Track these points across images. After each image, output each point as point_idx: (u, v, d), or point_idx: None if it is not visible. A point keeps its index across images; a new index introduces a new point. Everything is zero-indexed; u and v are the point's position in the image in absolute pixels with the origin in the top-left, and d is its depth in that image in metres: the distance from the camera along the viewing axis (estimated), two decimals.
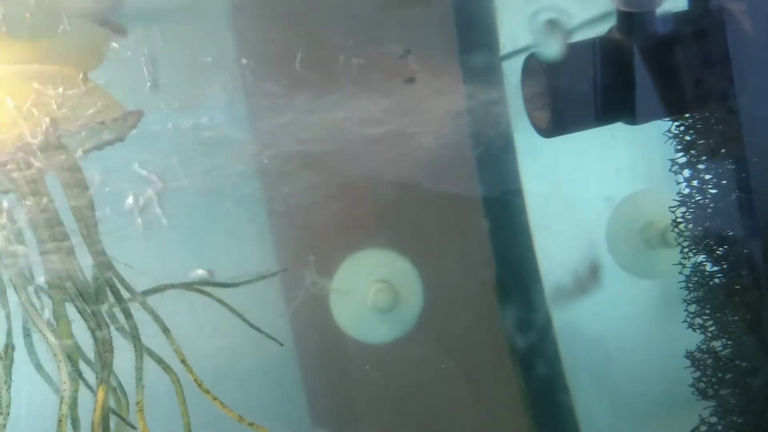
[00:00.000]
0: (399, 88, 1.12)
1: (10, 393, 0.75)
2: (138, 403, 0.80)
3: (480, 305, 1.37)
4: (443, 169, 1.24)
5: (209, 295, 0.89)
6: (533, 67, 1.02)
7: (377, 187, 1.30)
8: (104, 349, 0.77)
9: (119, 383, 0.84)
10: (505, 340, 1.33)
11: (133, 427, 0.82)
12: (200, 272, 0.87)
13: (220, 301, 0.90)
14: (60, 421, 0.73)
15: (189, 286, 0.89)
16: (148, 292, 0.84)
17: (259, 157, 1.18)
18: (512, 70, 1.13)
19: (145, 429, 0.78)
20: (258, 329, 0.95)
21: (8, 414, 0.74)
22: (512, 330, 1.32)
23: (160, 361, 0.84)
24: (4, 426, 0.74)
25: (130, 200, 0.91)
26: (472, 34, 1.26)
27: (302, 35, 1.26)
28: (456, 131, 1.21)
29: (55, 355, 0.74)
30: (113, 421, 0.81)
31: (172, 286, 0.86)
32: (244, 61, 1.17)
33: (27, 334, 0.81)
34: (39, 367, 0.83)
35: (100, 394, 0.75)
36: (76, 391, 0.83)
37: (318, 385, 1.50)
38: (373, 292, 1.37)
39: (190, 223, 1.16)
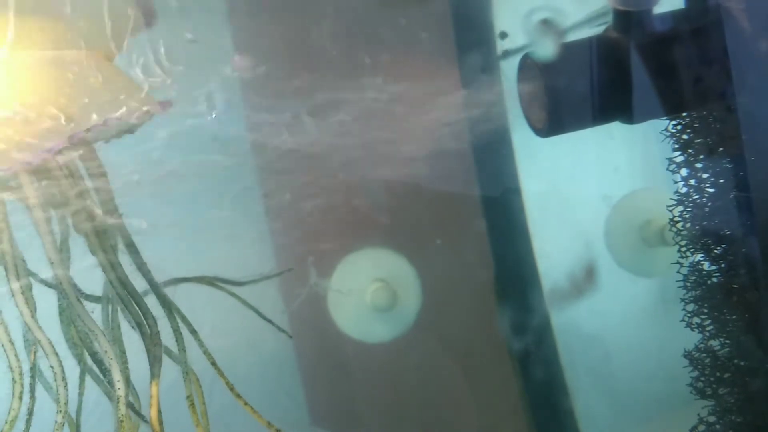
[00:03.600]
0: (396, 86, 1.12)
1: (67, 390, 0.73)
2: (188, 397, 0.80)
3: (478, 304, 1.37)
4: (441, 169, 1.24)
5: (223, 289, 0.89)
6: (529, 66, 1.01)
7: (374, 186, 1.30)
8: (152, 342, 0.77)
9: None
10: (504, 338, 1.33)
11: (146, 421, 0.82)
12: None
13: (233, 294, 0.90)
14: (121, 422, 0.73)
15: (201, 280, 0.88)
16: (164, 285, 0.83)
17: (257, 156, 1.17)
18: (510, 70, 1.13)
19: (197, 422, 0.79)
20: (271, 322, 0.95)
21: (66, 412, 0.73)
22: (510, 329, 1.32)
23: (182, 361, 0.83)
24: (63, 424, 0.73)
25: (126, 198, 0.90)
26: (469, 34, 1.26)
27: (299, 33, 1.26)
28: (453, 130, 1.20)
29: (106, 352, 0.73)
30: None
31: (185, 279, 0.85)
32: (239, 58, 1.17)
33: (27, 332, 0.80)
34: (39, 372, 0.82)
35: (154, 389, 0.75)
36: (81, 394, 0.83)
37: (317, 385, 1.50)
38: (371, 292, 1.37)
39: (187, 221, 1.16)
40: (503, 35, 1.20)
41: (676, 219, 1.14)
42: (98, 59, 0.74)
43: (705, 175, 1.09)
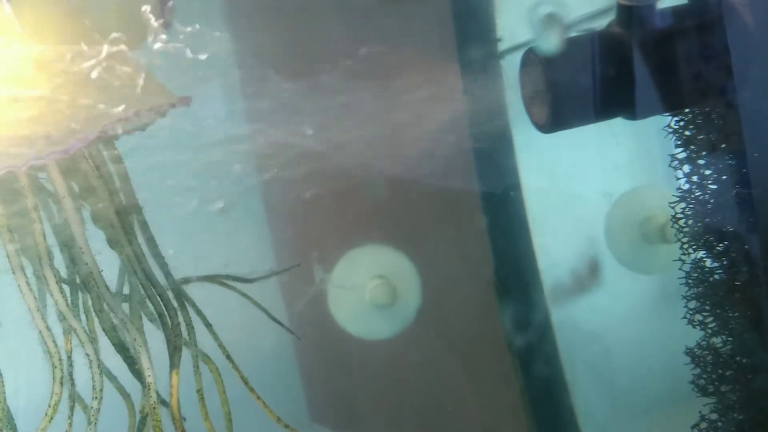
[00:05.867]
0: (396, 82, 1.12)
1: (103, 378, 0.74)
2: (198, 390, 0.81)
3: (478, 301, 1.36)
4: (441, 165, 1.23)
5: (232, 288, 0.90)
6: (532, 61, 1.01)
7: (375, 183, 1.29)
8: (174, 333, 0.78)
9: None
10: (504, 335, 1.33)
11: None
12: None
13: (244, 295, 0.90)
14: (153, 408, 0.74)
15: (211, 279, 0.89)
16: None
17: (257, 153, 1.17)
18: (511, 65, 1.12)
19: (206, 415, 0.80)
20: (281, 324, 0.96)
21: (101, 399, 0.74)
22: (511, 326, 1.32)
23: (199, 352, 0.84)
24: (98, 410, 0.74)
25: None
26: (470, 28, 1.25)
27: (299, 29, 1.25)
28: (454, 126, 1.20)
29: (135, 339, 0.74)
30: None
31: (194, 279, 0.86)
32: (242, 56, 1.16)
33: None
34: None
35: (174, 378, 0.76)
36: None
37: (316, 381, 1.50)
38: (371, 288, 1.36)
39: (188, 219, 1.16)
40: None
41: (678, 216, 1.13)
42: (122, 54, 0.74)
43: (707, 172, 1.08)
